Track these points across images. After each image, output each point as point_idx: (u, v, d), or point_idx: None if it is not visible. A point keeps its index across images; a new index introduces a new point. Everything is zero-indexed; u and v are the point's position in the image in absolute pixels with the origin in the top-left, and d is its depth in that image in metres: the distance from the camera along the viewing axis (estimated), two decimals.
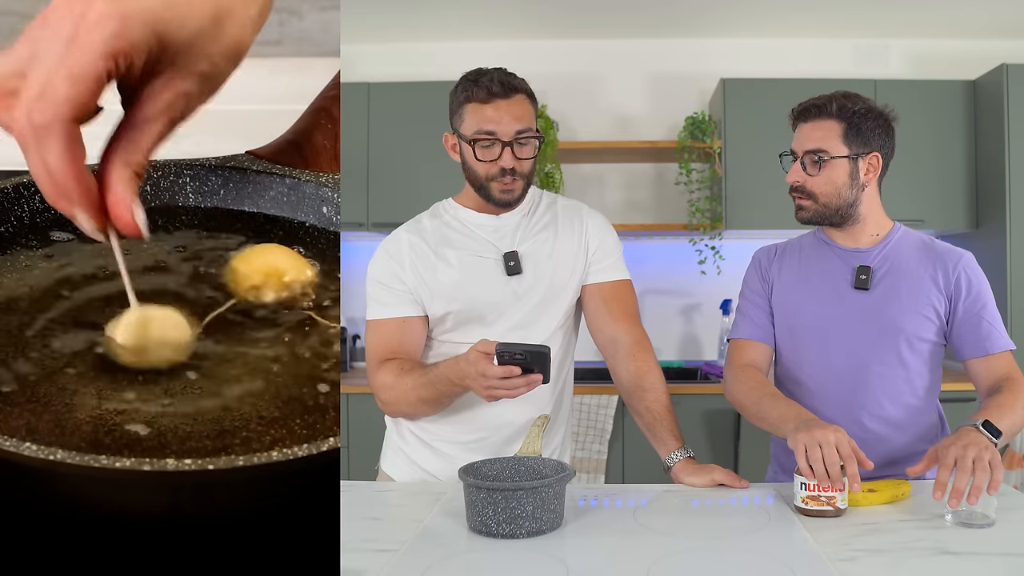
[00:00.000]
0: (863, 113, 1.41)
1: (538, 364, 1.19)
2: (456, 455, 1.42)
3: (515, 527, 1.07)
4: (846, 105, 1.41)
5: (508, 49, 3.35)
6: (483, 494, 1.08)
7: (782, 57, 3.34)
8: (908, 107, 2.97)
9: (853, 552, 1.02)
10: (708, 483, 1.32)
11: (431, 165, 3.01)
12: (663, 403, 1.41)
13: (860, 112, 1.41)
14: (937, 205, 3.04)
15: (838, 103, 1.41)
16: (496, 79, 1.37)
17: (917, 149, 3.00)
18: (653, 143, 3.17)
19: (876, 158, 1.42)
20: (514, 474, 1.20)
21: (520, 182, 1.42)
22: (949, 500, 1.12)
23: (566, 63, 3.39)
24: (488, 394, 1.23)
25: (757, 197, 3.00)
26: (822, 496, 1.16)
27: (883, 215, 1.49)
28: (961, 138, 3.04)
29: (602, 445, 2.84)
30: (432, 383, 1.34)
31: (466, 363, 1.24)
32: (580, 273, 1.49)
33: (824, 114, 1.42)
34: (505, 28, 3.28)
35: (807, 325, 1.48)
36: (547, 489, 1.09)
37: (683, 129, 3.12)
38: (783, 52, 3.35)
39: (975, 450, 1.14)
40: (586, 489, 1.31)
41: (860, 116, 1.40)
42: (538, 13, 3.13)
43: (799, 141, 1.45)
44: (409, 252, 1.45)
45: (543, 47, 3.37)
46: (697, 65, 3.37)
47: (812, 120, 1.43)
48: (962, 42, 3.31)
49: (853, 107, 1.41)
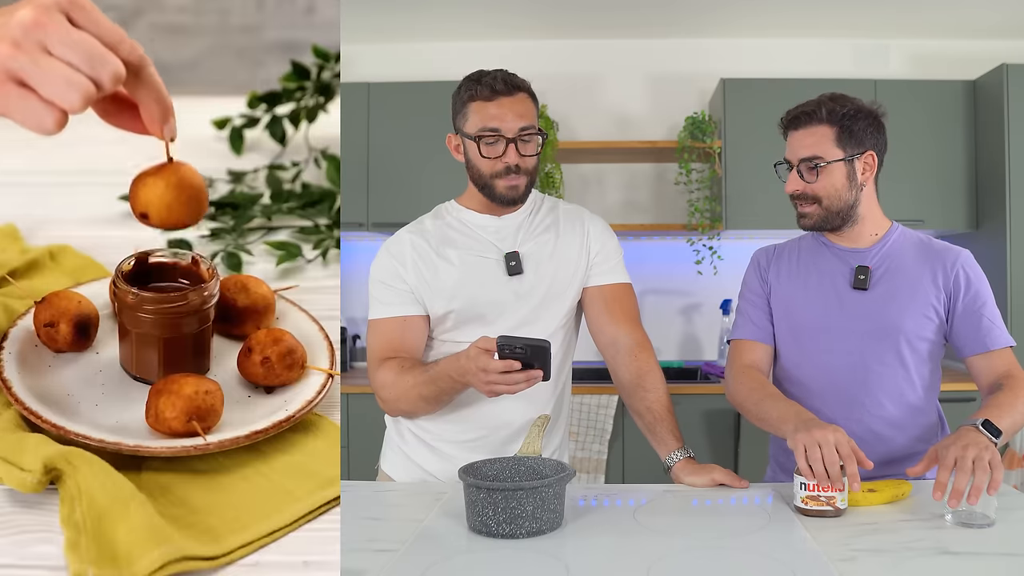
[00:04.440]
0: (853, 114, 1.40)
1: (539, 359, 1.19)
2: (456, 455, 1.42)
3: (515, 527, 1.08)
4: (835, 108, 1.40)
5: (508, 49, 3.35)
6: (483, 494, 1.08)
7: (782, 57, 3.34)
8: (908, 107, 2.97)
9: (853, 552, 1.02)
10: (708, 483, 1.32)
11: (431, 165, 3.01)
12: (663, 403, 1.42)
13: (850, 114, 1.40)
14: (937, 205, 3.03)
15: (827, 107, 1.41)
16: (499, 78, 1.40)
17: (917, 149, 2.99)
18: (653, 143, 3.17)
19: (871, 156, 1.43)
20: (514, 474, 1.20)
21: (524, 179, 1.43)
22: (949, 500, 1.12)
23: (566, 63, 3.39)
24: (488, 389, 1.23)
25: (757, 197, 2.99)
26: (822, 496, 1.16)
27: (881, 214, 1.49)
28: (961, 138, 3.04)
29: (602, 445, 2.84)
30: (433, 380, 1.34)
31: (466, 359, 1.25)
32: (581, 275, 1.49)
33: (814, 120, 1.41)
34: (505, 28, 3.28)
35: (806, 325, 1.48)
36: (547, 489, 1.09)
37: (683, 129, 3.12)
38: (783, 52, 3.35)
39: (975, 450, 1.14)
40: (586, 489, 1.31)
41: (850, 118, 1.40)
42: (538, 13, 3.13)
43: (792, 149, 1.44)
44: (411, 252, 1.46)
45: (543, 47, 3.37)
46: (697, 65, 3.37)
47: (803, 127, 1.42)
48: (962, 42, 3.30)
49: (842, 109, 1.40)
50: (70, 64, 0.87)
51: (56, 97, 0.87)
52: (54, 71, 0.86)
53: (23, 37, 0.86)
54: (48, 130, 0.88)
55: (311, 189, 1.55)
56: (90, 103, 0.89)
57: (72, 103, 0.87)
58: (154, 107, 0.98)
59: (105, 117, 1.01)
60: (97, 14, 0.91)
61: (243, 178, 1.59)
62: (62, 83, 0.86)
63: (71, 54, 0.87)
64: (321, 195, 1.52)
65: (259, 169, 1.61)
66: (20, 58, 0.86)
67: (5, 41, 0.86)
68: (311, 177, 1.62)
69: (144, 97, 0.97)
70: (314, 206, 1.51)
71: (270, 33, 2.32)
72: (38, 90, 0.86)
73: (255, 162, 1.66)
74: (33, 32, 0.86)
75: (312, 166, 1.65)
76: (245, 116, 1.70)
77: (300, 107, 1.69)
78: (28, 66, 0.86)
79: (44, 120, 0.87)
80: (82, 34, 0.88)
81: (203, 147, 1.69)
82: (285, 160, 1.66)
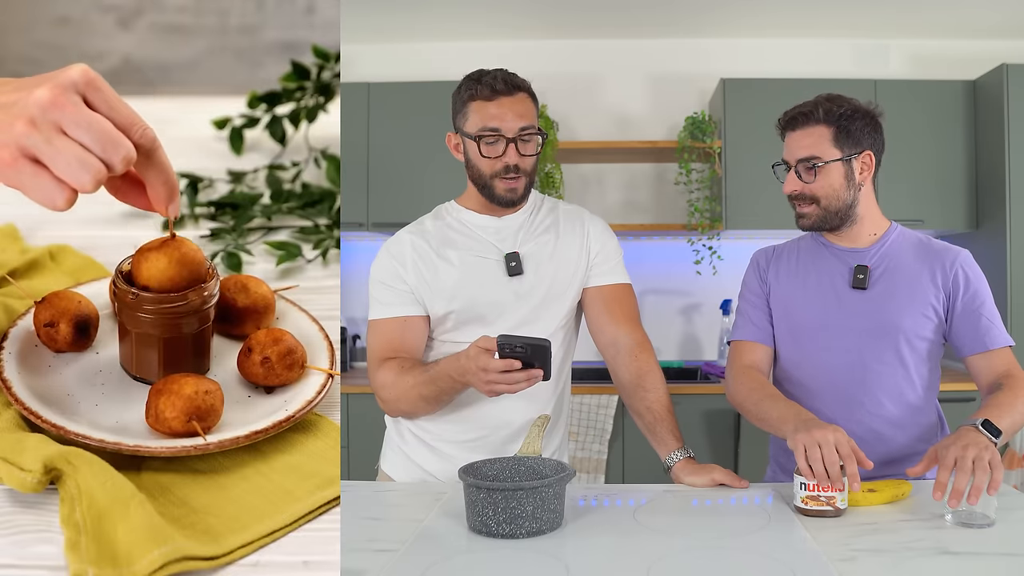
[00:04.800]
0: (850, 114, 1.41)
1: (539, 358, 1.19)
2: (456, 455, 1.42)
3: (515, 527, 1.08)
4: (832, 109, 1.41)
5: (508, 49, 3.35)
6: (483, 494, 1.08)
7: (782, 57, 3.34)
8: (908, 107, 2.97)
9: (853, 552, 1.02)
10: (708, 483, 1.32)
11: (431, 165, 3.01)
12: (664, 403, 1.42)
13: (847, 114, 1.41)
14: (937, 205, 3.03)
15: (824, 108, 1.41)
16: (499, 77, 1.40)
17: (917, 149, 2.99)
18: (653, 143, 3.17)
19: (869, 156, 1.43)
20: (514, 474, 1.20)
21: (523, 179, 1.43)
22: (949, 501, 1.12)
23: (566, 63, 3.39)
24: (488, 389, 1.23)
25: (757, 197, 2.99)
26: (822, 496, 1.16)
27: (879, 214, 1.49)
28: (961, 138, 3.04)
29: (602, 445, 2.84)
30: (433, 380, 1.34)
31: (466, 358, 1.25)
32: (581, 276, 1.49)
33: (812, 120, 1.42)
34: (505, 28, 3.28)
35: (806, 325, 1.48)
36: (547, 489, 1.09)
37: (683, 129, 3.12)
38: (783, 52, 3.35)
39: (975, 450, 1.14)
40: (586, 489, 1.31)
41: (847, 118, 1.41)
42: (538, 13, 3.13)
43: (790, 150, 1.45)
44: (411, 252, 1.46)
45: (543, 47, 3.37)
46: (697, 65, 3.37)
47: (800, 128, 1.43)
48: (962, 42, 3.30)
49: (839, 110, 1.41)
50: (84, 145, 0.90)
51: (69, 177, 0.90)
52: (68, 151, 0.89)
53: (40, 116, 0.89)
54: (58, 207, 0.91)
55: (311, 189, 1.55)
56: (101, 184, 0.92)
57: (84, 183, 0.90)
58: (161, 188, 1.01)
59: (114, 193, 1.04)
60: (112, 96, 0.94)
61: (243, 178, 1.59)
62: (75, 164, 0.90)
63: (85, 136, 0.90)
64: (321, 195, 1.52)
65: (259, 169, 1.61)
66: (35, 136, 0.89)
67: (22, 118, 0.89)
68: (311, 177, 1.62)
69: (153, 178, 1.00)
70: (314, 206, 1.51)
71: (270, 33, 2.32)
72: (52, 168, 0.90)
73: (255, 162, 1.66)
74: (50, 112, 0.89)
75: (312, 166, 1.65)
76: (245, 116, 1.70)
77: (300, 107, 1.69)
78: (43, 145, 0.89)
79: (55, 198, 0.91)
80: (97, 116, 0.91)
81: (203, 147, 1.69)
82: (285, 160, 1.66)
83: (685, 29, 3.28)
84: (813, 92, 1.47)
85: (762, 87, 3.04)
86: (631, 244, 3.37)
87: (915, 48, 3.35)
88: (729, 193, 3.06)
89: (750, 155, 3.02)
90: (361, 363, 3.34)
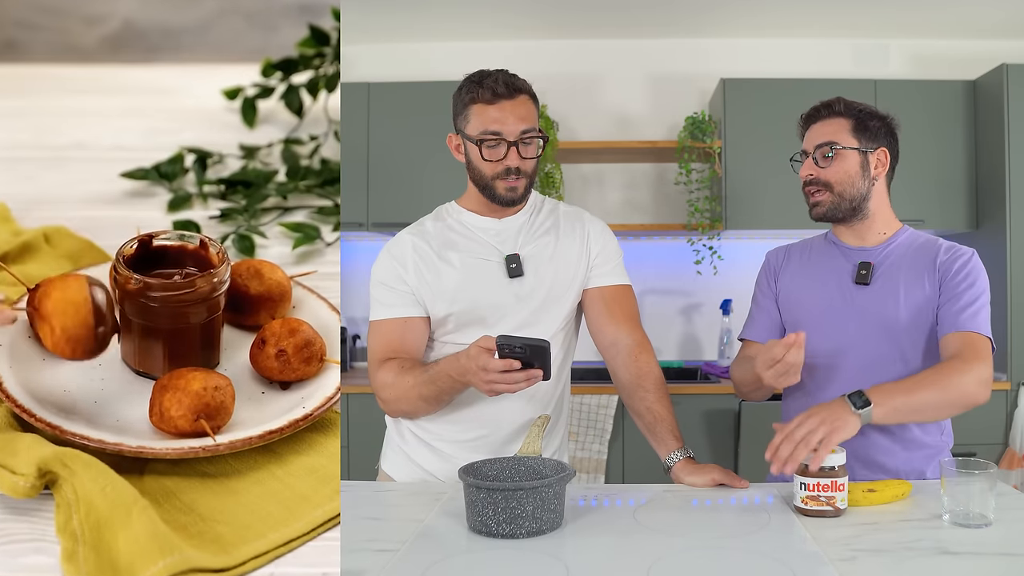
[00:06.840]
0: (869, 112, 1.47)
1: (538, 358, 1.19)
2: (456, 455, 1.42)
3: (515, 527, 1.08)
4: (852, 104, 1.48)
5: (508, 49, 3.35)
6: (483, 494, 1.08)
7: (782, 57, 3.34)
8: (908, 107, 2.97)
9: (853, 552, 1.02)
10: (708, 483, 1.32)
11: (431, 165, 3.01)
12: (664, 403, 1.42)
13: (866, 111, 1.47)
14: (937, 205, 3.03)
15: (844, 102, 1.48)
16: (500, 80, 1.39)
17: (917, 149, 2.99)
18: (653, 143, 3.17)
19: (884, 153, 1.46)
20: (514, 474, 1.20)
21: (524, 181, 1.43)
22: (772, 467, 1.16)
23: (566, 63, 3.39)
24: (488, 389, 1.23)
25: (757, 197, 2.99)
26: (822, 496, 1.16)
27: (892, 215, 1.52)
28: (961, 138, 3.04)
29: (602, 445, 2.84)
30: (433, 380, 1.34)
31: (467, 358, 1.25)
32: (581, 277, 1.50)
33: (832, 112, 1.48)
34: (505, 28, 3.28)
35: (809, 319, 1.49)
36: (547, 489, 1.09)
37: (683, 129, 3.12)
38: (783, 52, 3.35)
39: (813, 423, 1.18)
40: (586, 489, 1.31)
41: (866, 115, 1.47)
42: (538, 13, 3.13)
43: (809, 140, 1.49)
44: (412, 253, 1.46)
45: (543, 47, 3.37)
46: (697, 65, 3.37)
47: (821, 120, 1.48)
48: (962, 42, 3.30)
49: (859, 106, 1.47)
50: None
51: None
52: None
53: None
54: None
55: (330, 165, 1.43)
56: None
57: None
58: None
59: None
60: None
61: (256, 153, 1.48)
62: None
63: None
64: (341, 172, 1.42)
65: (273, 143, 1.51)
66: None
67: None
68: (330, 152, 1.49)
69: None
70: (333, 184, 1.40)
71: None
72: None
73: (269, 136, 1.55)
74: None
75: (332, 140, 1.52)
76: (258, 85, 1.58)
77: (318, 75, 1.56)
78: None
79: None
80: None
81: (213, 119, 1.57)
82: (302, 133, 1.54)
83: (685, 29, 3.28)
84: (813, 92, 1.50)
85: (762, 87, 3.04)
86: (631, 244, 3.37)
87: (915, 48, 3.35)
88: (729, 193, 3.06)
89: (750, 155, 3.02)
90: (361, 363, 3.34)
